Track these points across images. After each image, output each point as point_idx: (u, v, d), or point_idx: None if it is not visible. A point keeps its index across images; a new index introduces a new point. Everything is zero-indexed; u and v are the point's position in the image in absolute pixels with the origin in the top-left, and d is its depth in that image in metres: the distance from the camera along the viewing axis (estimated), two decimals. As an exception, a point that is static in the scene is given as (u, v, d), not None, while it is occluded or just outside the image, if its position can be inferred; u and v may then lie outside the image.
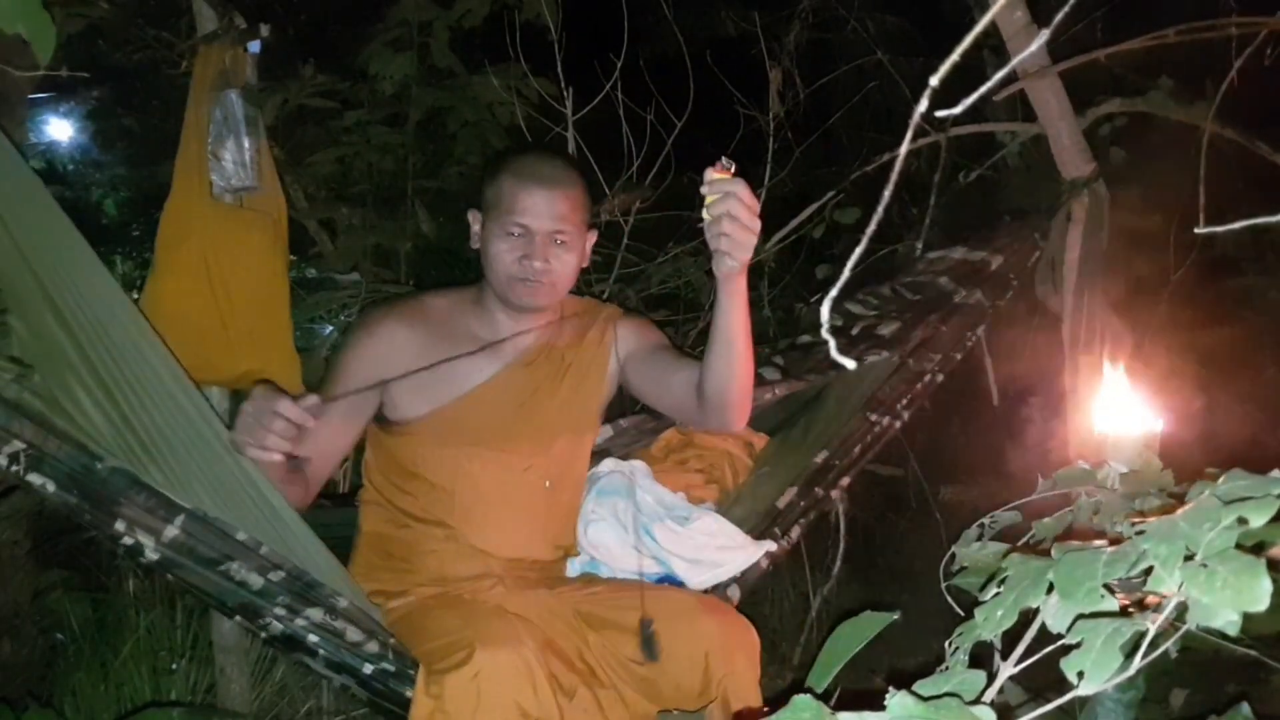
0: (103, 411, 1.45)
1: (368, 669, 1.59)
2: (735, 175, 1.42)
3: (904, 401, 2.23)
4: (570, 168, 1.79)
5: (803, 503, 2.06)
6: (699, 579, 1.94)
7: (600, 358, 1.90)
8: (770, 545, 1.98)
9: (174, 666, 2.53)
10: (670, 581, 1.99)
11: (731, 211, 1.41)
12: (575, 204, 1.75)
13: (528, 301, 1.76)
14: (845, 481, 2.13)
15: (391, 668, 1.59)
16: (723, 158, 1.42)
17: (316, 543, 1.62)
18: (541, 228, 1.71)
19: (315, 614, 1.53)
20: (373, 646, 1.58)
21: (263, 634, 1.59)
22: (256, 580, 1.49)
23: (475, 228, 1.79)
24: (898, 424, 2.21)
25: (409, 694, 1.54)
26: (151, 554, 1.44)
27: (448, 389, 1.78)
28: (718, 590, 1.94)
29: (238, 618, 1.58)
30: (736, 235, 1.43)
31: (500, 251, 1.72)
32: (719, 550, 1.95)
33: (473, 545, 1.78)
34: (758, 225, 1.45)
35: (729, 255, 1.45)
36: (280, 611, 1.52)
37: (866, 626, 0.89)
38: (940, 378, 2.31)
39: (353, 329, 1.80)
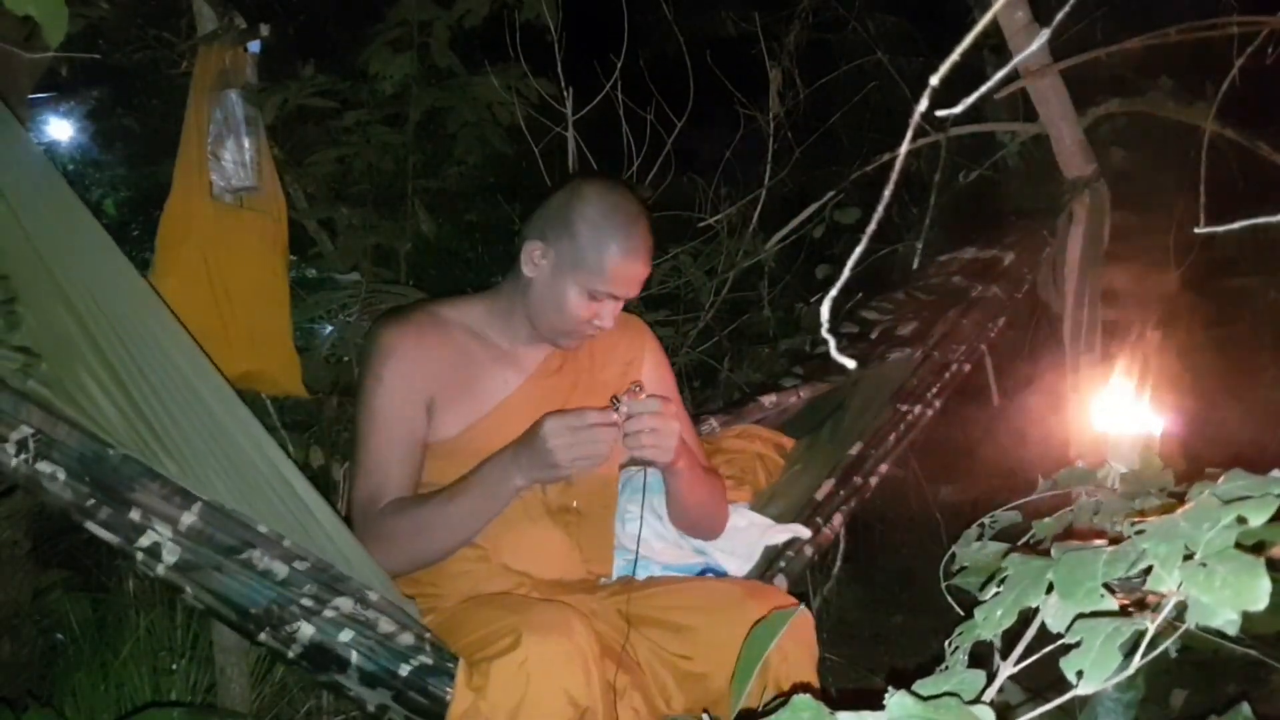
0: (113, 401, 1.41)
1: (404, 669, 1.47)
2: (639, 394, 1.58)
3: (934, 390, 2.23)
4: (652, 231, 1.73)
5: (842, 491, 2.06)
6: (740, 568, 1.93)
7: (630, 379, 1.86)
8: (804, 531, 1.96)
9: (174, 666, 2.53)
10: (713, 573, 1.95)
11: (647, 428, 1.56)
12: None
13: (572, 347, 1.76)
14: (884, 469, 2.13)
15: (430, 660, 1.48)
16: (631, 389, 1.58)
17: (345, 535, 1.54)
18: (625, 295, 1.69)
19: (345, 604, 1.44)
20: (407, 638, 1.48)
21: (290, 650, 1.46)
22: (281, 569, 1.41)
23: (539, 259, 1.68)
24: (929, 412, 2.21)
25: (449, 694, 1.45)
26: (169, 554, 1.38)
27: (475, 405, 1.72)
28: (764, 580, 1.90)
29: (264, 633, 1.46)
30: (657, 442, 1.57)
31: (575, 306, 1.67)
32: (750, 543, 1.95)
33: (505, 565, 1.71)
34: (673, 426, 1.59)
35: (655, 460, 1.61)
36: (307, 603, 1.43)
37: (775, 625, 0.90)
38: (967, 367, 2.32)
39: (374, 358, 1.68)
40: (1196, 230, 0.97)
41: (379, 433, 1.65)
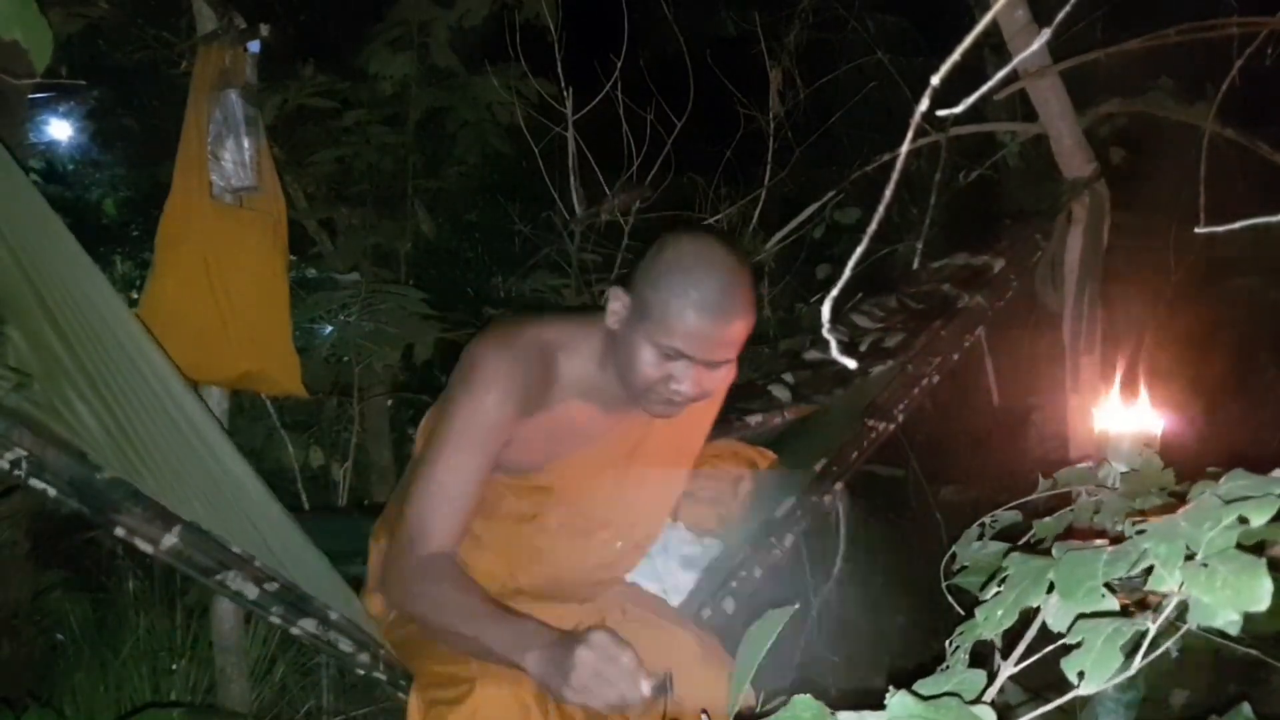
0: (100, 421, 1.46)
1: (360, 673, 1.62)
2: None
3: (900, 406, 2.23)
4: (750, 292, 1.51)
5: (799, 512, 2.05)
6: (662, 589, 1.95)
7: (708, 420, 1.80)
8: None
9: (174, 666, 2.53)
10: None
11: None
12: (745, 331, 1.52)
13: (658, 414, 1.58)
14: (839, 486, 2.12)
15: (383, 677, 1.60)
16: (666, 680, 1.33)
17: (311, 554, 1.62)
18: (702, 358, 1.49)
19: (309, 624, 1.55)
20: (364, 658, 1.59)
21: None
22: (252, 590, 1.51)
23: (618, 308, 1.55)
24: (892, 427, 2.21)
25: (401, 695, 1.54)
26: (149, 552, 1.47)
27: (559, 445, 1.63)
28: (714, 601, 1.91)
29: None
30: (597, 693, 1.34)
31: (646, 364, 1.50)
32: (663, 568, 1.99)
33: (519, 590, 1.68)
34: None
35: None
36: (275, 620, 1.54)
37: (771, 625, 0.89)
38: (937, 379, 2.31)
39: (476, 381, 1.54)
40: (1196, 230, 0.96)
41: (451, 461, 1.54)
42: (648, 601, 1.83)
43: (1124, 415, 1.41)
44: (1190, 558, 0.69)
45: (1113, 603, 0.71)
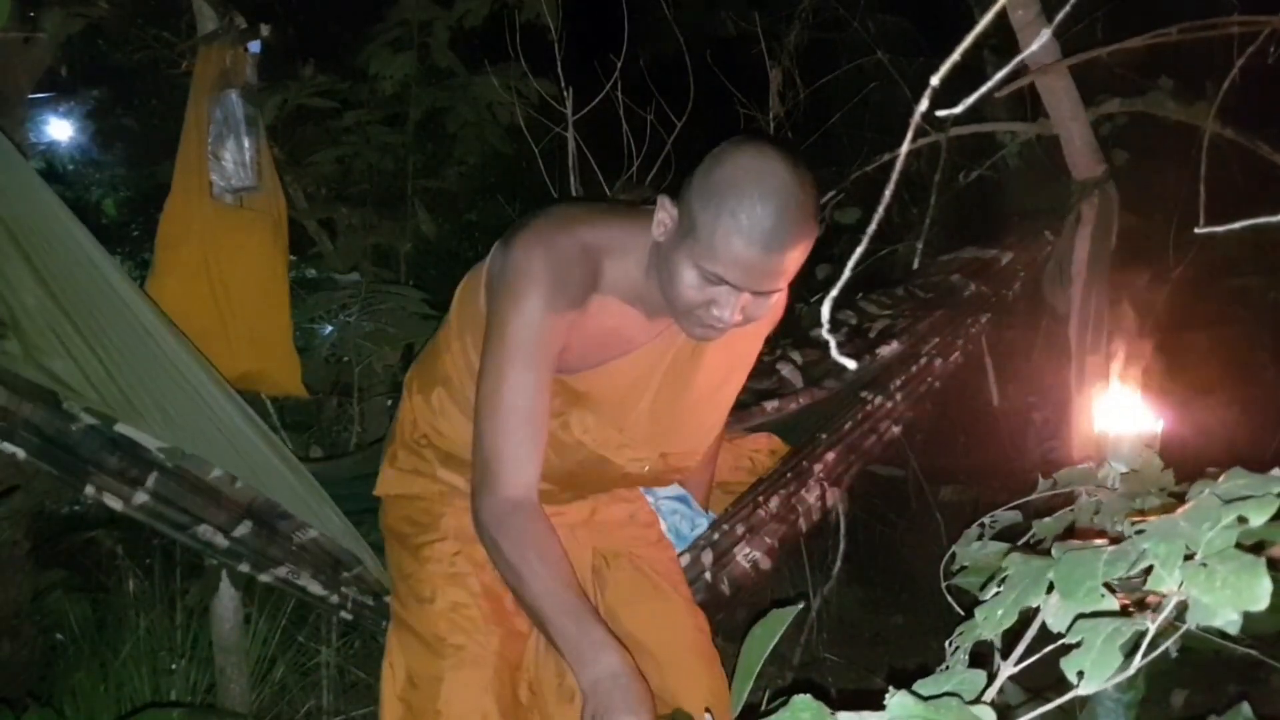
0: (84, 359, 1.53)
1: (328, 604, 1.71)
2: None
3: (898, 381, 2.22)
4: (809, 215, 1.35)
5: (788, 473, 2.04)
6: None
7: (758, 344, 1.70)
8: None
9: (174, 666, 2.54)
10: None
11: None
12: (799, 258, 1.38)
13: (698, 337, 1.48)
14: (831, 456, 2.09)
15: (350, 617, 1.70)
16: None
17: (291, 471, 1.69)
18: (748, 287, 1.37)
19: (280, 571, 1.63)
20: (334, 599, 1.68)
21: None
22: (222, 542, 1.58)
23: (664, 219, 1.42)
24: (889, 404, 2.20)
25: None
26: (118, 509, 1.53)
27: (599, 351, 1.54)
28: (693, 551, 1.89)
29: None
30: None
31: (687, 285, 1.38)
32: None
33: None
34: None
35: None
36: (245, 568, 1.62)
37: (775, 624, 0.89)
38: (938, 361, 2.31)
39: (519, 288, 1.42)
40: (1196, 230, 0.96)
41: (512, 380, 1.43)
42: (662, 564, 1.75)
43: (1125, 415, 1.41)
44: (1190, 557, 0.69)
45: (1112, 603, 0.71)
